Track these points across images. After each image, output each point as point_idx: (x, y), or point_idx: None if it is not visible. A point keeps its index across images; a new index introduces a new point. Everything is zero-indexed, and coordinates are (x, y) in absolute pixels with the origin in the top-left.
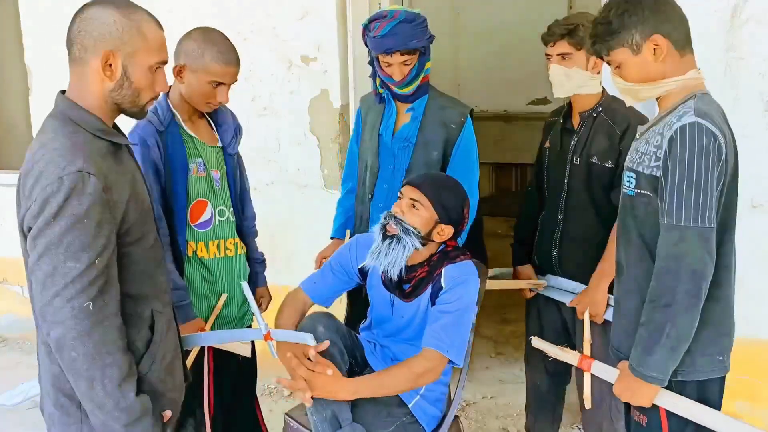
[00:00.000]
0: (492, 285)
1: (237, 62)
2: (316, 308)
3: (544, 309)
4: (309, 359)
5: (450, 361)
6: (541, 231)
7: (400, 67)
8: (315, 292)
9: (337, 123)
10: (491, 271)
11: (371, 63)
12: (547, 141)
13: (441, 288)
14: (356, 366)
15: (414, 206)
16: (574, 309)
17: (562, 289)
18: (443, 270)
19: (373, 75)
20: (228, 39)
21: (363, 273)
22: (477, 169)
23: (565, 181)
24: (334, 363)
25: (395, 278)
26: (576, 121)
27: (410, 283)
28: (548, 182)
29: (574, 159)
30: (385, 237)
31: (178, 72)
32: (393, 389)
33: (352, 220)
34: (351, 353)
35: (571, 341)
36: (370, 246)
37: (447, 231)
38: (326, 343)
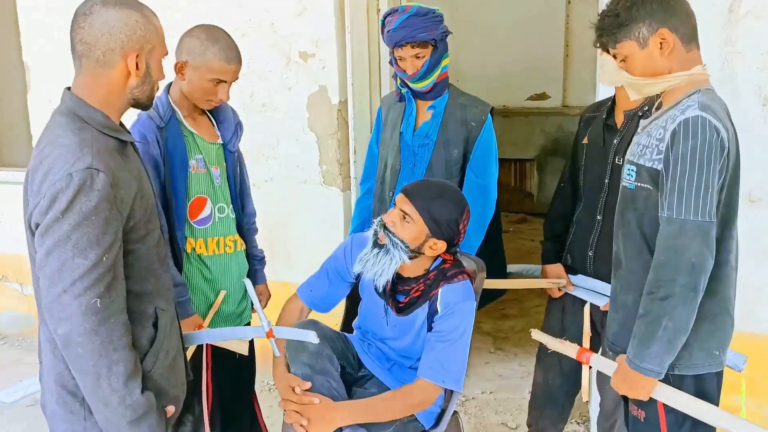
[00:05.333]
0: (513, 284)
1: (239, 60)
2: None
3: (571, 309)
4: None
5: None
6: (577, 230)
7: (412, 61)
8: (311, 299)
9: (335, 119)
10: (517, 267)
11: (391, 63)
12: (586, 137)
13: (436, 311)
14: (350, 367)
15: (405, 218)
16: (604, 312)
17: (595, 291)
18: (439, 291)
19: (395, 75)
20: (230, 36)
21: (358, 274)
22: (496, 167)
23: (606, 180)
24: (325, 371)
25: (380, 289)
26: (619, 119)
27: (405, 295)
28: (585, 180)
29: (617, 159)
30: (375, 245)
31: (180, 69)
32: (388, 417)
33: (370, 220)
34: (342, 356)
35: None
36: (364, 247)
37: (440, 246)
38: (308, 384)
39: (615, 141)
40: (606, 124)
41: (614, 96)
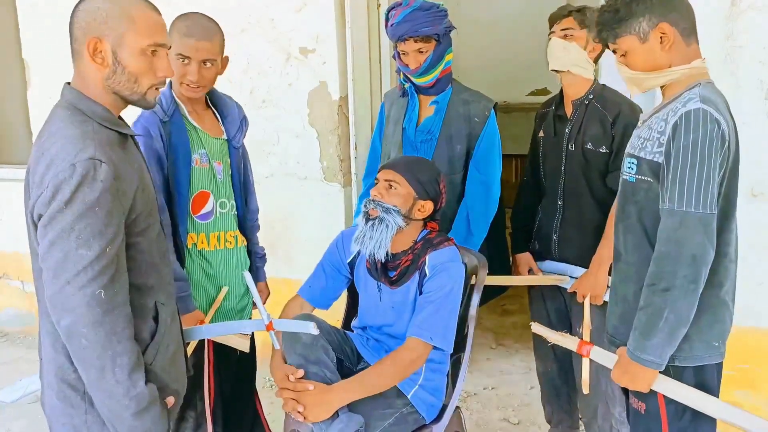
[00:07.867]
0: (515, 281)
1: (202, 36)
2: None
3: (549, 295)
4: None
5: (437, 348)
6: (542, 217)
7: (414, 55)
8: (310, 294)
9: (335, 115)
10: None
11: (394, 57)
12: (541, 131)
13: (425, 275)
14: (348, 361)
15: (391, 186)
16: (573, 293)
17: (562, 274)
18: (427, 257)
19: (398, 69)
20: (205, 17)
21: (352, 267)
22: (500, 163)
23: (562, 167)
24: (320, 361)
25: (382, 260)
26: (569, 109)
27: (395, 270)
28: (545, 170)
29: (569, 145)
30: (368, 221)
31: None
32: (383, 384)
33: None
34: (339, 348)
35: (571, 325)
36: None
37: (427, 206)
38: (301, 372)
39: (566, 129)
40: (556, 114)
41: (561, 89)
